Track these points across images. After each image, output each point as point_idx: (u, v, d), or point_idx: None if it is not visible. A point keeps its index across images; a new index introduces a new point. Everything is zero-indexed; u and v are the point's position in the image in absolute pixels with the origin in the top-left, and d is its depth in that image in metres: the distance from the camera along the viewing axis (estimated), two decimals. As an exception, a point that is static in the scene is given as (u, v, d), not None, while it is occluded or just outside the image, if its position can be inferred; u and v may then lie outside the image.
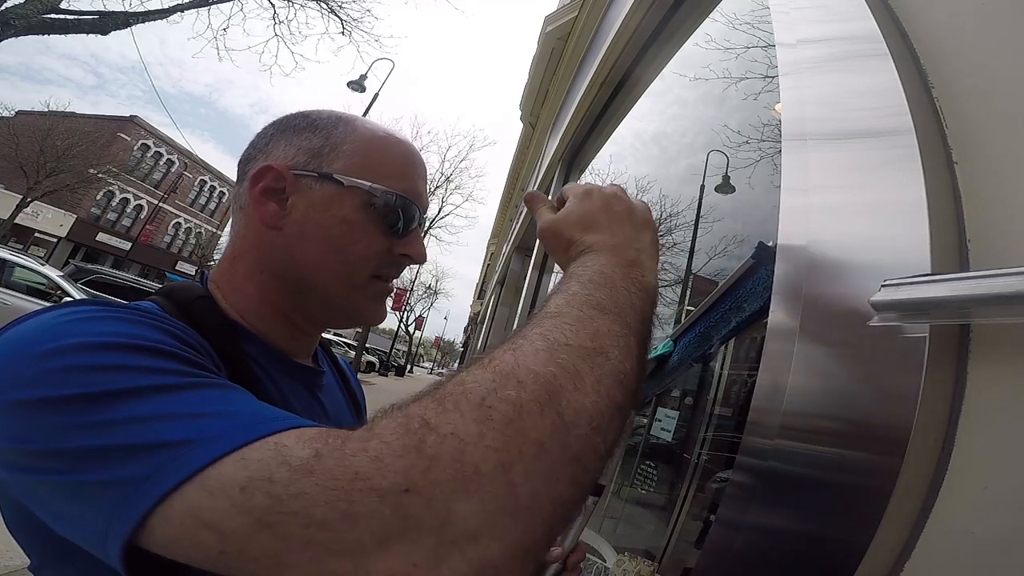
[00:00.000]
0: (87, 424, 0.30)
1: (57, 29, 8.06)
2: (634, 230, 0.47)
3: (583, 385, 0.30)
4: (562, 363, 0.31)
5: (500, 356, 0.31)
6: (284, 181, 0.52)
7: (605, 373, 0.32)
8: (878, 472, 0.34)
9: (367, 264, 0.53)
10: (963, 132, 0.40)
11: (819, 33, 0.58)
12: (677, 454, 1.44)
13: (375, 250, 0.53)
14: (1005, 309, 0.28)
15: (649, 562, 1.18)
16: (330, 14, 10.40)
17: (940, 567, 0.32)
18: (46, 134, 19.65)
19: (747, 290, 0.57)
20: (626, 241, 0.46)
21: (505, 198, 8.80)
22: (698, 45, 1.61)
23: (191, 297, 0.50)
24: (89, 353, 0.33)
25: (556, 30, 3.32)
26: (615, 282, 0.40)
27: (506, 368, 0.30)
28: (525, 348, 0.32)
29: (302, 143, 0.54)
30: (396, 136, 0.58)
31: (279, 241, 0.52)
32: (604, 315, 0.36)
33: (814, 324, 0.43)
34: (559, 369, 0.30)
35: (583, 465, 0.29)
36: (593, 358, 0.32)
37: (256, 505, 0.26)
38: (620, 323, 0.36)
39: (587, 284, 0.39)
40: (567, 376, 0.30)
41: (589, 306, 0.36)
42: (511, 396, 0.28)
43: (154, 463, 0.28)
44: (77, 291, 7.20)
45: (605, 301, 0.37)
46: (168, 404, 0.31)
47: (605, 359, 0.32)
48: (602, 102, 2.17)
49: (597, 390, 0.31)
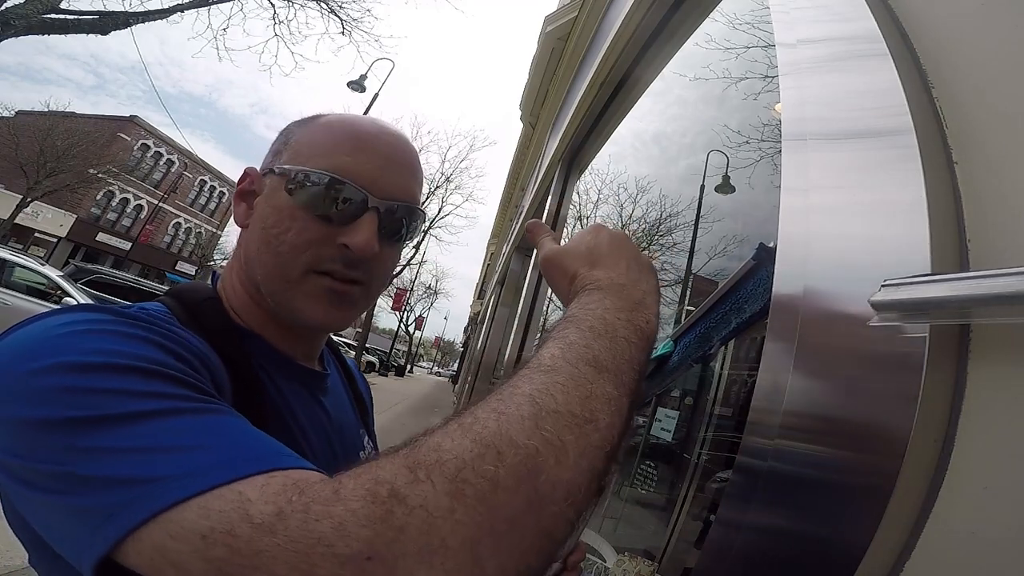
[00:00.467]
0: (70, 448, 0.31)
1: (57, 29, 8.06)
2: (640, 271, 0.45)
3: (565, 459, 0.28)
4: (547, 435, 0.28)
5: (483, 419, 0.29)
6: (255, 184, 0.53)
7: (591, 444, 0.30)
8: (878, 472, 0.34)
9: (298, 255, 0.49)
10: (963, 132, 0.40)
11: (819, 33, 0.58)
12: (677, 454, 1.44)
13: (306, 238, 0.48)
14: (1005, 309, 0.28)
15: (649, 562, 1.18)
16: (330, 14, 10.40)
17: (940, 567, 0.32)
18: (46, 134, 19.65)
19: (748, 291, 0.57)
20: (632, 281, 0.44)
21: (505, 198, 8.80)
22: (698, 45, 1.61)
23: (198, 299, 0.50)
24: (76, 375, 0.33)
25: (556, 30, 3.32)
26: (616, 331, 0.37)
27: (487, 436, 0.28)
28: (511, 413, 0.29)
29: (273, 145, 0.55)
30: (353, 119, 0.54)
31: (245, 240, 0.53)
32: (600, 374, 0.33)
33: (814, 324, 0.43)
34: (542, 442, 0.28)
35: (553, 538, 0.28)
36: (581, 427, 0.30)
37: (217, 556, 0.26)
38: (615, 383, 0.34)
39: (587, 333, 0.36)
40: (550, 449, 0.28)
41: (585, 362, 0.34)
42: (488, 471, 0.26)
43: (125, 497, 0.29)
44: (77, 291, 7.20)
45: (603, 356, 0.35)
46: (147, 435, 0.31)
47: (594, 428, 0.30)
48: (602, 102, 2.17)
49: (579, 463, 0.29)
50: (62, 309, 0.40)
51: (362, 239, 0.48)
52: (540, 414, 0.29)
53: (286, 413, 0.50)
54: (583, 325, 0.37)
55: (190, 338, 0.42)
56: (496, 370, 3.81)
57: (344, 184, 0.49)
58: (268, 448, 0.33)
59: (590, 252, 0.47)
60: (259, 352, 0.51)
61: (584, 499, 0.29)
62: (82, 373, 0.33)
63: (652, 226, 2.21)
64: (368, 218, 0.49)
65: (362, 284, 0.52)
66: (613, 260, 0.46)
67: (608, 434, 0.31)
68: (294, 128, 0.54)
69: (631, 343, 0.37)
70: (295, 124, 0.55)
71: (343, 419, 0.61)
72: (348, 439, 0.60)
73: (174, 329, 0.42)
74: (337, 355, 0.70)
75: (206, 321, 0.47)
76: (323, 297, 0.50)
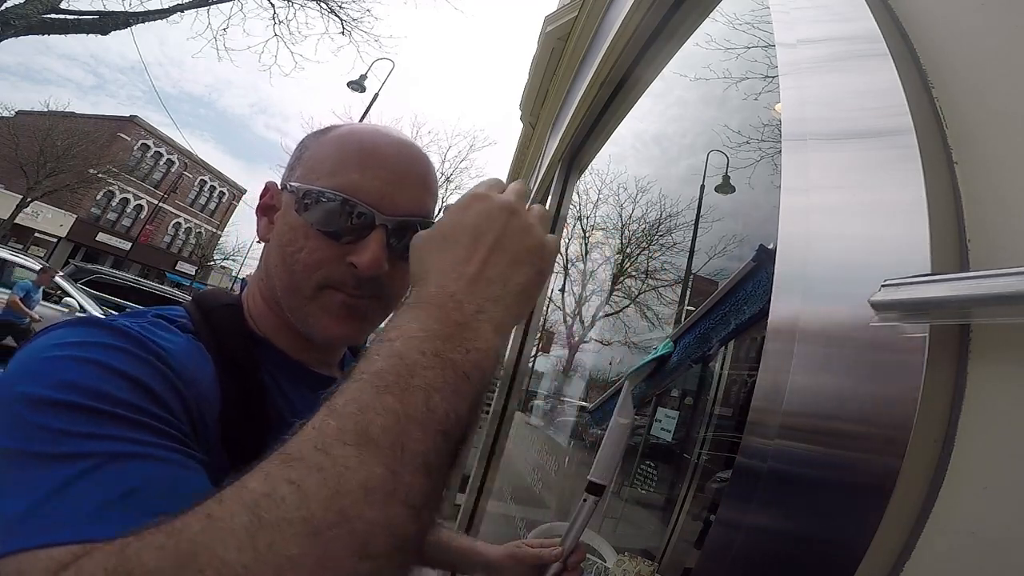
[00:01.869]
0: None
1: (57, 29, 8.06)
2: (510, 265, 0.37)
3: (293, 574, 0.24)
4: (261, 552, 0.24)
5: (190, 524, 0.25)
6: (274, 199, 0.55)
7: (336, 554, 0.24)
8: (878, 472, 0.34)
9: (311, 272, 0.49)
10: (963, 132, 0.40)
11: (819, 33, 0.58)
12: (677, 454, 1.44)
13: (317, 257, 0.49)
14: (1005, 309, 0.28)
15: (649, 562, 1.18)
16: (330, 14, 10.41)
17: (940, 567, 0.32)
18: (46, 134, 19.65)
19: (747, 292, 0.57)
20: (474, 284, 0.36)
21: (505, 198, 8.78)
22: (698, 45, 1.61)
23: (215, 305, 0.52)
24: (32, 409, 0.34)
25: (556, 30, 3.32)
26: (413, 376, 0.30)
27: (186, 549, 0.24)
28: (223, 520, 0.25)
29: (290, 159, 0.56)
30: (364, 132, 0.53)
31: (266, 253, 0.54)
32: (365, 453, 0.26)
33: (814, 324, 0.43)
34: (254, 560, 0.24)
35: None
36: (318, 535, 0.24)
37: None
38: (390, 460, 0.27)
39: (367, 386, 0.29)
40: (266, 569, 0.24)
41: (344, 441, 0.27)
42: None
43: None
44: (77, 291, 7.21)
45: (379, 423, 0.27)
46: (47, 477, 0.31)
47: (346, 531, 0.25)
48: (602, 102, 2.17)
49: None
50: (69, 322, 0.41)
51: (368, 258, 0.48)
52: (257, 524, 0.24)
53: (288, 416, 0.49)
54: (370, 370, 0.30)
55: (180, 354, 0.42)
56: (496, 370, 3.80)
57: (351, 202, 0.49)
58: (104, 511, 0.30)
59: (444, 238, 0.39)
60: (268, 359, 0.52)
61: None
62: (37, 408, 0.34)
63: (652, 226, 2.21)
64: (376, 235, 0.49)
65: (378, 298, 0.52)
66: (467, 249, 0.37)
67: (371, 530, 0.25)
68: (308, 141, 0.55)
69: (434, 391, 0.29)
70: (310, 137, 0.56)
71: None
72: None
73: (164, 346, 0.42)
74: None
75: (219, 327, 0.49)
76: (337, 312, 0.50)
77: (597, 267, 2.97)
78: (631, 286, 2.42)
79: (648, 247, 2.29)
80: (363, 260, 0.48)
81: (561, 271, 3.19)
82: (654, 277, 2.12)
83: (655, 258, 2.19)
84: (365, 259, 0.48)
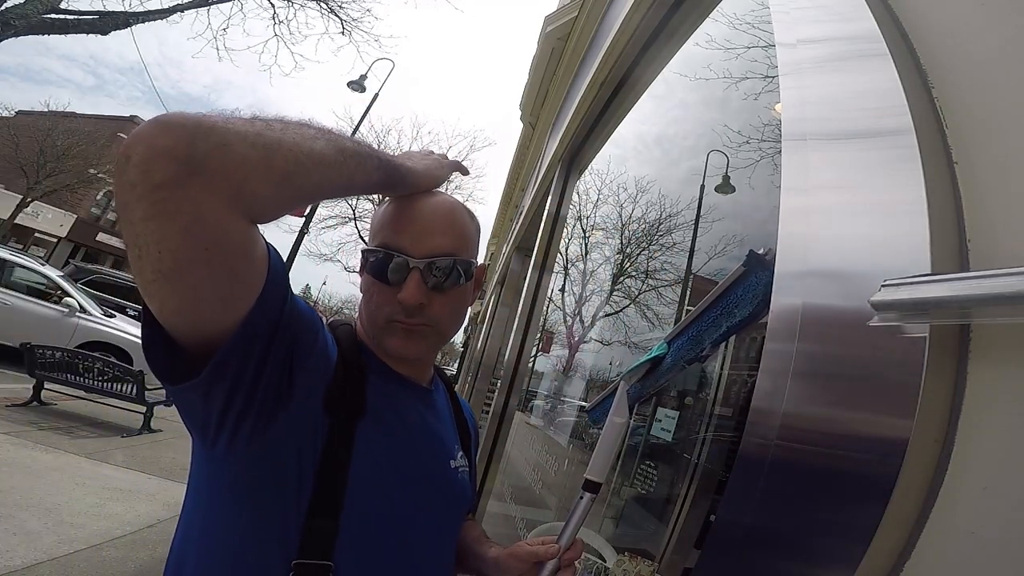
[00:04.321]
0: None
1: (57, 29, 8.06)
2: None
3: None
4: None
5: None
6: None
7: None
8: (878, 472, 0.34)
9: (381, 312, 0.67)
10: (963, 132, 0.40)
11: (819, 33, 0.58)
12: (677, 454, 1.44)
13: (379, 300, 0.67)
14: (1005, 309, 0.28)
15: (649, 562, 1.18)
16: (330, 14, 10.41)
17: (940, 567, 0.32)
18: (46, 134, 19.62)
19: (738, 296, 0.58)
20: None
21: (505, 198, 8.79)
22: (698, 45, 1.61)
23: (337, 324, 0.71)
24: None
25: (556, 30, 3.32)
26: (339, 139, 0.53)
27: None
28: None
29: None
30: (405, 199, 0.69)
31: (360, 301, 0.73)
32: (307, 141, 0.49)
33: (814, 324, 0.43)
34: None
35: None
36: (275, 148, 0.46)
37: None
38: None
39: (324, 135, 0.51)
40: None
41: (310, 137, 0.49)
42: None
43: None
44: (77, 291, 7.20)
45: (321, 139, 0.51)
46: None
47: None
48: (602, 102, 2.17)
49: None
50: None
51: (406, 294, 0.64)
52: (255, 131, 0.45)
53: (381, 401, 0.65)
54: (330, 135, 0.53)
55: (331, 343, 0.64)
56: (496, 370, 3.81)
57: (389, 253, 0.66)
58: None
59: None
60: (371, 362, 0.69)
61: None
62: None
63: (652, 226, 2.21)
64: (412, 276, 0.65)
65: (428, 325, 0.68)
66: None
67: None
68: (374, 213, 0.75)
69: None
70: (376, 211, 0.76)
71: (440, 429, 0.75)
72: (440, 444, 0.73)
73: (329, 336, 0.65)
74: (450, 390, 0.87)
75: (340, 339, 0.67)
76: (400, 336, 0.67)
77: (597, 267, 2.97)
78: (631, 286, 2.42)
79: (648, 247, 2.29)
80: (404, 296, 0.64)
81: (561, 271, 3.19)
82: (654, 277, 2.12)
83: (655, 258, 2.18)
84: (406, 295, 0.64)
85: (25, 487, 3.35)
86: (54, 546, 2.70)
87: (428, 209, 0.68)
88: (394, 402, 0.68)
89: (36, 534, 2.76)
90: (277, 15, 10.24)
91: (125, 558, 2.83)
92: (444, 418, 0.78)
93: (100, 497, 3.53)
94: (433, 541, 0.69)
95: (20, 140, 19.27)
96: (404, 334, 0.67)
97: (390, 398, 0.67)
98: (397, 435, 0.66)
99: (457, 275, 0.68)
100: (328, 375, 0.60)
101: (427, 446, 0.71)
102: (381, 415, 0.64)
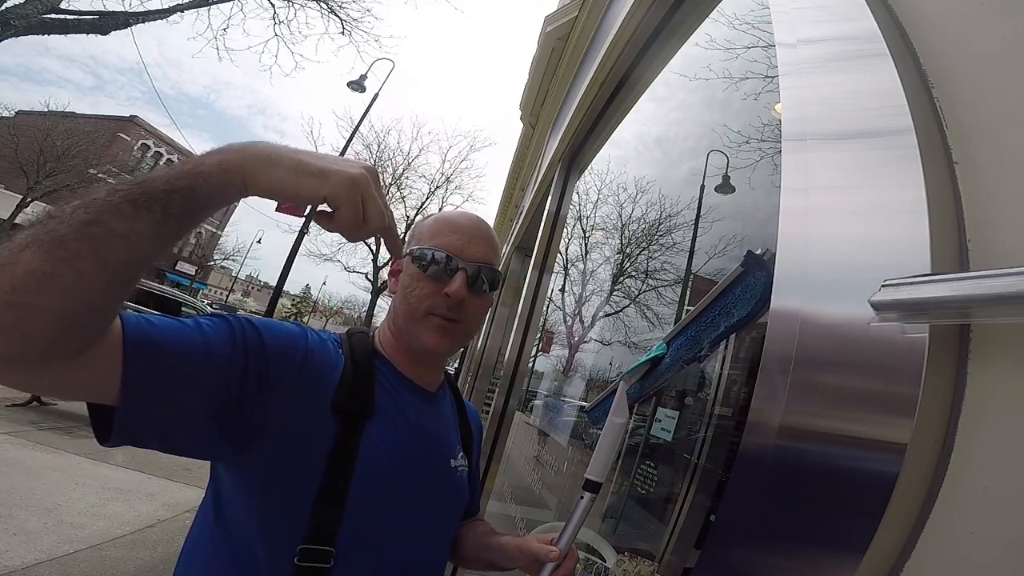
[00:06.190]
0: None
1: (57, 29, 8.05)
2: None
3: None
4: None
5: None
6: (399, 265, 0.82)
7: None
8: (878, 472, 0.34)
9: (421, 303, 0.75)
10: (963, 132, 0.40)
11: (819, 33, 0.58)
12: (677, 454, 1.44)
13: (424, 292, 0.75)
14: (1005, 309, 0.28)
15: (649, 562, 1.18)
16: (330, 14, 10.41)
17: (940, 567, 0.32)
18: (46, 134, 19.63)
19: (735, 296, 0.58)
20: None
21: (505, 198, 8.80)
22: (698, 45, 1.61)
23: (355, 332, 0.79)
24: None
25: (556, 30, 3.32)
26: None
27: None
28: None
29: (407, 240, 0.83)
30: (452, 212, 0.84)
31: (394, 300, 0.81)
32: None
33: (814, 324, 0.43)
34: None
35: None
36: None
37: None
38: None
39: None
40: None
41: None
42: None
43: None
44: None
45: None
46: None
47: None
48: (602, 102, 2.17)
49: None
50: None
51: (455, 287, 0.74)
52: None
53: (389, 404, 0.74)
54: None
55: (317, 349, 0.69)
56: (496, 370, 3.81)
57: (444, 254, 0.75)
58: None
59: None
60: (382, 367, 0.77)
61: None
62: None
63: (652, 226, 2.20)
64: (459, 275, 0.75)
65: (460, 323, 0.77)
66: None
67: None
68: (417, 224, 0.85)
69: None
70: (418, 222, 0.86)
71: (443, 431, 0.83)
72: (442, 444, 0.81)
73: (328, 345, 0.73)
74: (457, 396, 0.94)
75: (355, 345, 0.75)
76: (435, 331, 0.76)
77: (597, 267, 2.97)
78: (631, 286, 2.42)
79: (648, 247, 2.29)
80: (452, 289, 0.74)
81: (561, 271, 3.19)
82: (654, 277, 2.12)
83: (655, 258, 2.18)
84: (453, 288, 0.74)
85: (25, 487, 3.35)
86: (54, 546, 2.70)
87: (473, 224, 0.81)
88: (401, 403, 0.75)
89: (36, 534, 2.77)
90: (277, 15, 10.25)
91: (125, 558, 2.84)
92: (447, 420, 0.86)
93: (100, 497, 3.53)
94: (427, 530, 0.76)
95: (20, 140, 19.28)
96: (438, 330, 0.75)
97: (398, 400, 0.75)
98: (402, 433, 0.73)
99: (490, 283, 0.79)
100: (332, 379, 0.68)
101: (429, 445, 0.78)
102: (388, 414, 0.72)
